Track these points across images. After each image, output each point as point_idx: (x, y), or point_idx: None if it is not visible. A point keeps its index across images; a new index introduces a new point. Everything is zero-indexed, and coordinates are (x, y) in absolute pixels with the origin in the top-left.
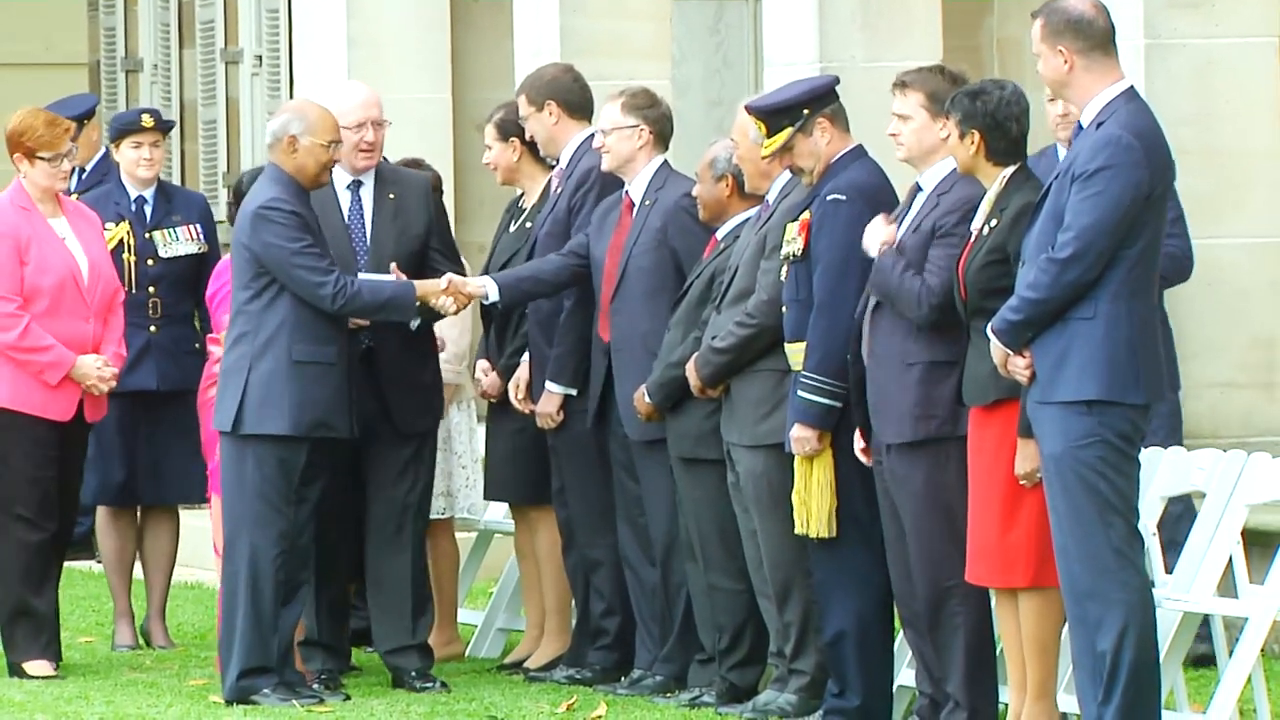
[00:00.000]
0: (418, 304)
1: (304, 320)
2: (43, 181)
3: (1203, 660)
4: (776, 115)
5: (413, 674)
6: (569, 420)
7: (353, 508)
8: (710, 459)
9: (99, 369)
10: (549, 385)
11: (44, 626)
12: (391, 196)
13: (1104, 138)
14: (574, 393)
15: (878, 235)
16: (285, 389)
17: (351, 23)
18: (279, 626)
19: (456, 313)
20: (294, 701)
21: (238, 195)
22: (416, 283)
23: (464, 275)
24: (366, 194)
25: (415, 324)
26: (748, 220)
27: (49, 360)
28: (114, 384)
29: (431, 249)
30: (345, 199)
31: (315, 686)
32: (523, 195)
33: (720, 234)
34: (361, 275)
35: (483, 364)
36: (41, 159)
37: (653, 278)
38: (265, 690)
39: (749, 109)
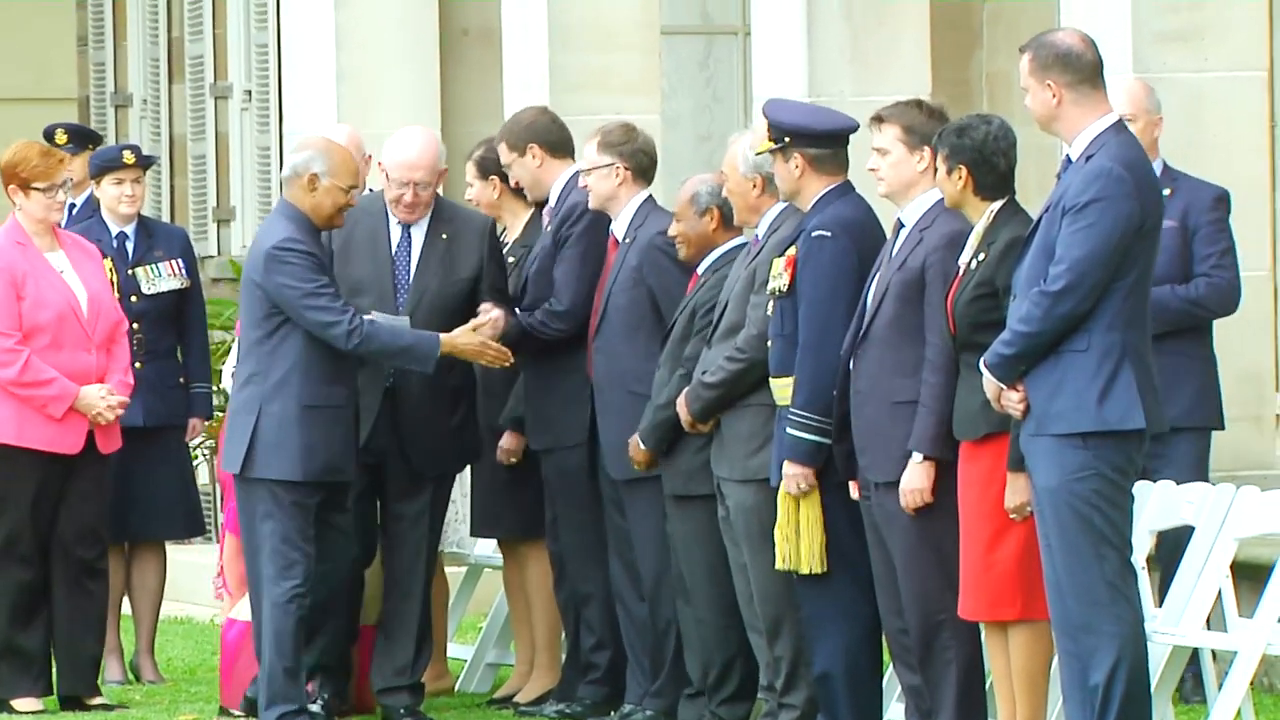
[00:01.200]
0: (441, 355)
1: (315, 362)
2: (38, 213)
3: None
4: (772, 127)
5: (402, 711)
6: (562, 454)
7: (372, 538)
8: (701, 494)
9: (103, 398)
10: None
11: (32, 663)
12: (444, 236)
13: (1095, 170)
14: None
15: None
16: (295, 434)
17: (341, 57)
18: (302, 667)
19: (499, 362)
20: None
21: None
22: (444, 337)
23: (513, 315)
24: (418, 231)
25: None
26: (728, 253)
27: (52, 394)
28: (121, 412)
29: (483, 292)
30: (396, 233)
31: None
32: (504, 230)
33: (701, 269)
34: (376, 315)
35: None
36: (36, 190)
37: (630, 315)
38: None
39: (765, 109)
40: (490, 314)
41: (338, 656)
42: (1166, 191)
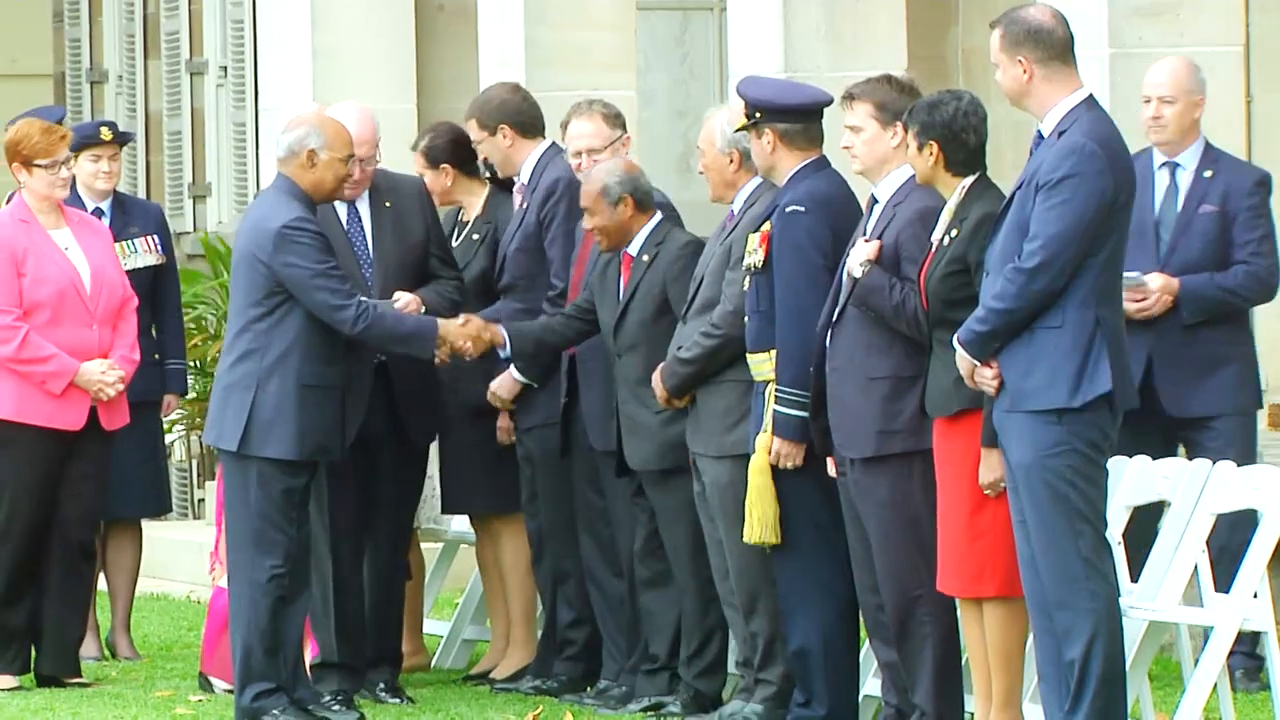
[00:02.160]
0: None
1: (313, 342)
2: (42, 190)
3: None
4: (746, 103)
5: (380, 686)
6: (544, 432)
7: (366, 524)
8: (681, 468)
9: (103, 374)
10: (512, 371)
11: (13, 641)
12: (388, 205)
13: (1068, 146)
14: (534, 385)
15: (860, 254)
16: (292, 413)
17: (316, 34)
18: (286, 640)
19: (474, 357)
20: None
21: None
22: (440, 322)
23: (461, 280)
24: (363, 204)
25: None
26: (653, 232)
27: (50, 370)
28: (122, 388)
29: (431, 255)
30: (343, 211)
31: (333, 706)
32: (462, 210)
33: (634, 250)
34: (380, 303)
35: None
36: (39, 167)
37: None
38: (275, 711)
39: (738, 87)
40: (404, 299)
41: (351, 653)
42: (1208, 174)
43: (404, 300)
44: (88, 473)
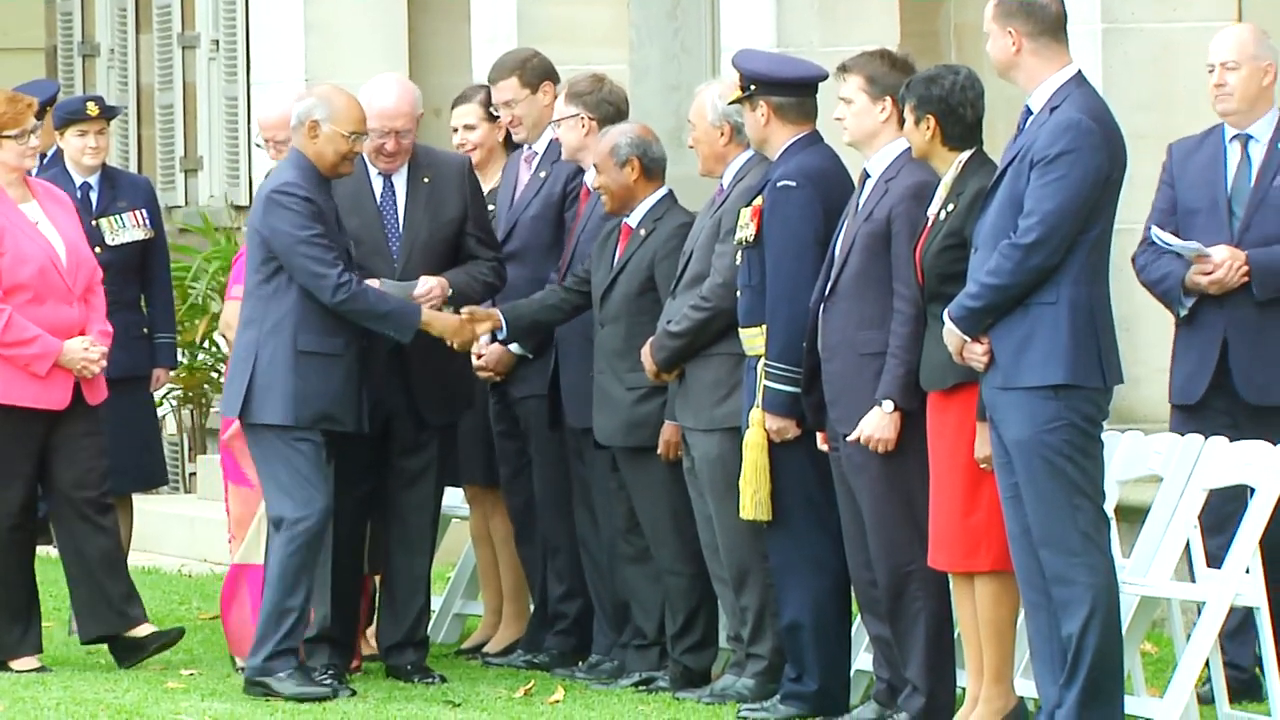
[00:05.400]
0: (420, 330)
1: (311, 309)
2: (12, 161)
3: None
4: (741, 76)
5: (409, 667)
6: (536, 402)
7: (374, 501)
8: (647, 448)
9: (85, 351)
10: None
11: (16, 620)
12: (426, 180)
13: (1063, 122)
14: (529, 356)
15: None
16: (287, 379)
17: (308, 8)
18: (301, 610)
19: (465, 348)
20: (304, 688)
21: None
22: (426, 311)
23: (500, 261)
24: (399, 179)
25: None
26: (654, 207)
27: (34, 353)
28: (104, 364)
29: (467, 234)
30: (379, 184)
31: (324, 680)
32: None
33: (633, 222)
34: (385, 284)
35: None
36: (8, 137)
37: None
38: (280, 674)
39: (733, 59)
40: (428, 284)
41: (343, 627)
42: None
43: (426, 285)
44: (78, 437)
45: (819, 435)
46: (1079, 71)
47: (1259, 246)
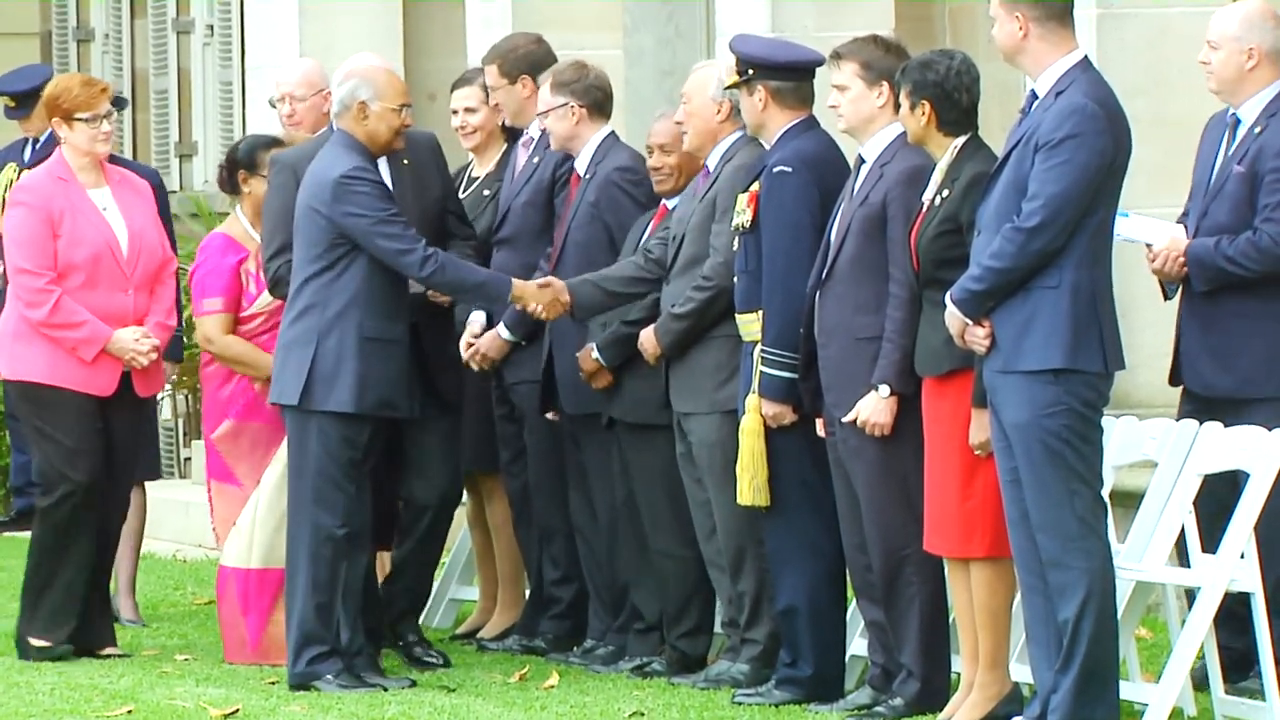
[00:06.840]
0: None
1: (375, 296)
2: (84, 144)
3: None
4: (738, 60)
5: (412, 638)
6: (531, 386)
7: (390, 484)
8: (660, 425)
9: (136, 342)
10: (500, 330)
11: (40, 606)
12: (406, 162)
13: (1068, 106)
14: (522, 343)
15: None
16: (353, 366)
17: None
18: (344, 603)
19: (547, 319)
20: (355, 690)
21: (231, 163)
22: (517, 282)
23: (476, 240)
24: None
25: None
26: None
27: (81, 337)
28: (155, 356)
29: (449, 212)
30: None
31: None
32: (473, 163)
33: (670, 203)
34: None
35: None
36: (80, 120)
37: (587, 251)
38: (328, 676)
39: (731, 43)
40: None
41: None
42: (1258, 130)
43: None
44: (120, 438)
45: (816, 420)
46: (1085, 57)
47: (1209, 235)
